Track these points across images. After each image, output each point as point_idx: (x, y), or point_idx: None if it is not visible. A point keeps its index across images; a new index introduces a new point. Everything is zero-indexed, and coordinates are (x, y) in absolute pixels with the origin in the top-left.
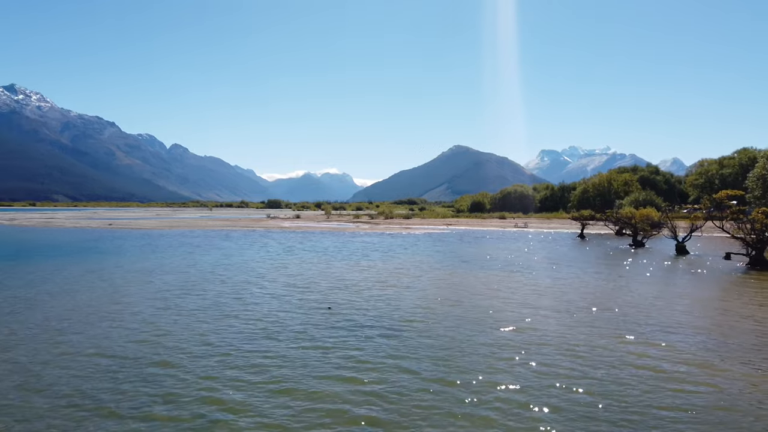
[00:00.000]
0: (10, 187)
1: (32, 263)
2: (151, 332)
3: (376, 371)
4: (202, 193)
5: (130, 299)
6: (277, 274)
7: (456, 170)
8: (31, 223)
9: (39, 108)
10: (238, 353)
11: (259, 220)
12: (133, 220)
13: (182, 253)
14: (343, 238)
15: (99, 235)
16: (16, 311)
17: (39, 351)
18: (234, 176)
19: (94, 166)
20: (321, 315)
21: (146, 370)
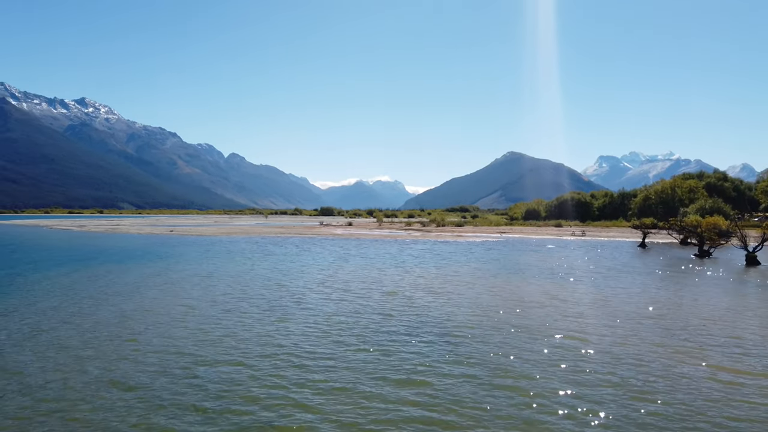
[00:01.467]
0: (80, 195)
1: (104, 267)
2: (219, 333)
3: (432, 374)
4: (257, 200)
5: (195, 302)
6: (333, 281)
7: (510, 177)
8: (99, 230)
9: (107, 120)
10: (300, 354)
11: (312, 228)
12: (193, 227)
13: (240, 259)
14: (396, 245)
15: (162, 242)
16: (94, 311)
17: (120, 348)
18: (288, 184)
19: (157, 175)
20: (378, 320)
21: (221, 369)
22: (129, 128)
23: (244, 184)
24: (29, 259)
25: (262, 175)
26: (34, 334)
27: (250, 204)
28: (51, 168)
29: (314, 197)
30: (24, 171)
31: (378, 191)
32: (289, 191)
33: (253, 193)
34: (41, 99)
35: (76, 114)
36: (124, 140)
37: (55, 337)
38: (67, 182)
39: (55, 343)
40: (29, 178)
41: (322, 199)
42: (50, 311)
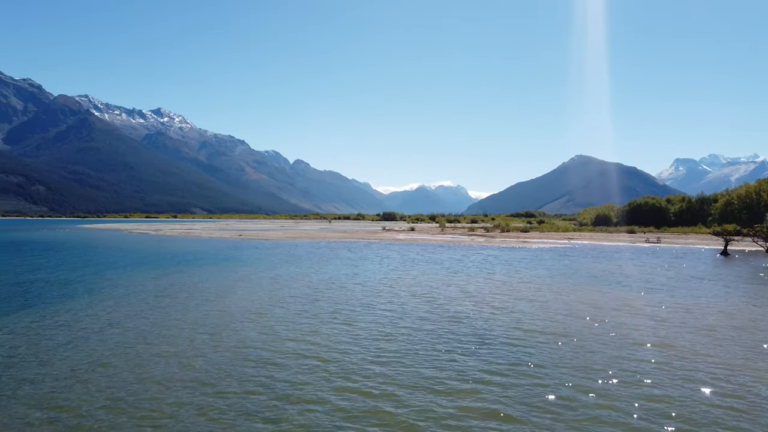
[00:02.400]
0: (156, 200)
1: (180, 270)
2: (290, 335)
3: (502, 379)
4: (321, 205)
5: (265, 304)
6: (399, 285)
7: (578, 181)
8: (173, 234)
9: (181, 129)
10: (369, 357)
11: (374, 232)
12: (260, 232)
13: (306, 262)
14: (459, 250)
15: (232, 245)
16: (172, 311)
17: (196, 345)
18: (351, 189)
19: (227, 181)
20: (445, 324)
21: (290, 369)
22: (201, 136)
23: (308, 189)
24: (114, 262)
25: (325, 180)
26: (119, 329)
27: (314, 209)
28: (130, 175)
29: (376, 202)
30: (106, 178)
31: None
32: (352, 196)
33: (317, 198)
34: (121, 110)
35: (152, 123)
36: (196, 148)
37: (138, 333)
38: (145, 188)
39: (139, 339)
40: (110, 184)
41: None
42: (133, 308)
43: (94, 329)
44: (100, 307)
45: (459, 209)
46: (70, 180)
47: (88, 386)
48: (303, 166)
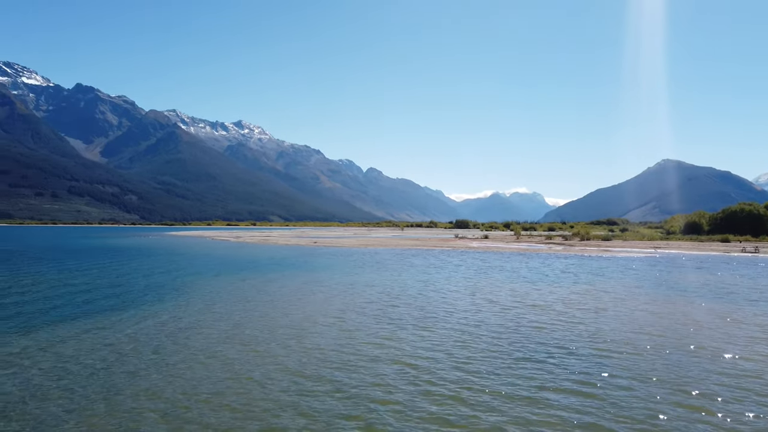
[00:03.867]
0: (236, 208)
1: (260, 275)
2: (365, 339)
3: (585, 388)
4: (394, 213)
5: (346, 308)
6: (475, 292)
7: (664, 187)
8: (252, 241)
9: (260, 140)
10: (455, 358)
11: (447, 240)
12: (334, 239)
13: (381, 269)
14: (536, 259)
15: (307, 252)
16: (267, 314)
17: (275, 349)
18: (423, 197)
19: (302, 190)
20: (526, 332)
21: (392, 366)
22: (278, 147)
23: (381, 197)
24: (201, 268)
25: (398, 188)
26: (213, 330)
27: (386, 216)
28: (213, 185)
29: (449, 210)
30: (191, 187)
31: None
32: (424, 204)
33: (389, 206)
34: (205, 123)
35: (234, 135)
36: (274, 158)
37: (230, 334)
38: (226, 197)
39: (232, 340)
40: (195, 193)
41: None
42: (222, 311)
43: (188, 329)
44: (193, 309)
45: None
46: (159, 190)
47: (191, 382)
48: (376, 174)
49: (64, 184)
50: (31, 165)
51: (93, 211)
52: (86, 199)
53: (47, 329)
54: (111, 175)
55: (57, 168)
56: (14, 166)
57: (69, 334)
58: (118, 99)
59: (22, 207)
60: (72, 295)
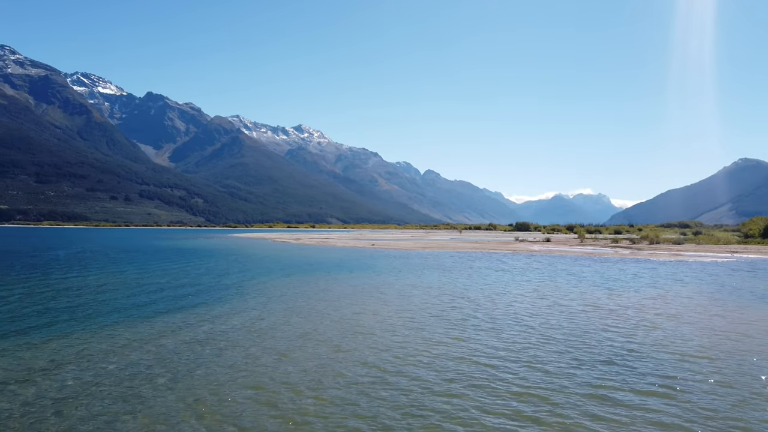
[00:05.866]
0: (296, 211)
1: (324, 276)
2: (447, 336)
3: (661, 398)
4: (451, 215)
5: (410, 309)
6: (538, 296)
7: (742, 188)
8: (312, 242)
9: (319, 144)
10: (529, 360)
11: (507, 243)
12: (392, 241)
13: (441, 271)
14: (602, 262)
15: (365, 254)
16: (335, 313)
17: (334, 351)
18: (482, 199)
19: (360, 192)
20: (598, 337)
21: (467, 366)
22: (337, 150)
23: (438, 199)
24: (266, 268)
25: (456, 190)
26: (288, 326)
27: (444, 219)
28: (274, 188)
29: (509, 212)
30: (253, 191)
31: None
32: (483, 206)
33: (447, 208)
34: (267, 127)
35: (294, 139)
36: (332, 161)
37: (304, 331)
38: (287, 200)
39: (307, 336)
40: (257, 197)
41: (517, 214)
42: (293, 310)
43: (270, 326)
44: (271, 307)
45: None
46: (223, 193)
47: (282, 374)
48: (433, 177)
49: (136, 188)
50: (107, 170)
51: (162, 213)
52: (156, 202)
53: (145, 323)
54: (179, 179)
55: (129, 173)
56: (91, 172)
57: (165, 328)
58: (185, 106)
59: (97, 210)
60: (157, 292)
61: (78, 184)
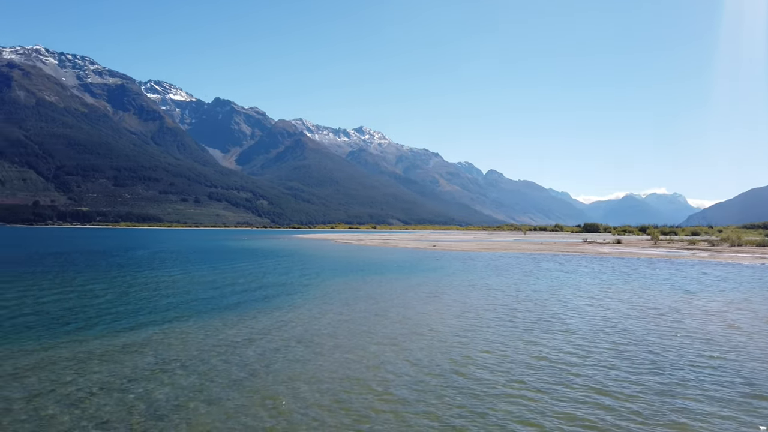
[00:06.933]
0: (358, 212)
1: (387, 277)
2: (518, 340)
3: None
4: (515, 216)
5: (476, 310)
6: (612, 300)
7: None
8: (373, 243)
9: (380, 145)
10: (572, 368)
11: (574, 245)
12: (453, 242)
13: (506, 273)
14: (678, 266)
15: (427, 255)
16: (397, 312)
17: (391, 350)
18: (547, 199)
19: (421, 193)
20: (680, 343)
21: (545, 369)
22: (398, 151)
23: (501, 200)
24: (329, 268)
25: (519, 190)
26: (353, 325)
27: (507, 220)
28: (336, 189)
29: (576, 213)
30: (315, 192)
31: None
32: (548, 206)
33: (510, 209)
34: (329, 130)
35: (355, 141)
36: (393, 162)
37: (371, 329)
38: (348, 201)
39: (376, 335)
40: (319, 198)
41: (585, 215)
42: (360, 309)
43: (334, 323)
44: (335, 305)
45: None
46: (287, 195)
47: (341, 372)
48: (496, 177)
49: (205, 191)
50: (178, 173)
51: (229, 215)
52: (223, 204)
53: (219, 320)
54: (245, 181)
55: (199, 176)
56: (164, 175)
57: (238, 324)
58: (250, 110)
59: (169, 211)
60: (231, 290)
61: (152, 186)
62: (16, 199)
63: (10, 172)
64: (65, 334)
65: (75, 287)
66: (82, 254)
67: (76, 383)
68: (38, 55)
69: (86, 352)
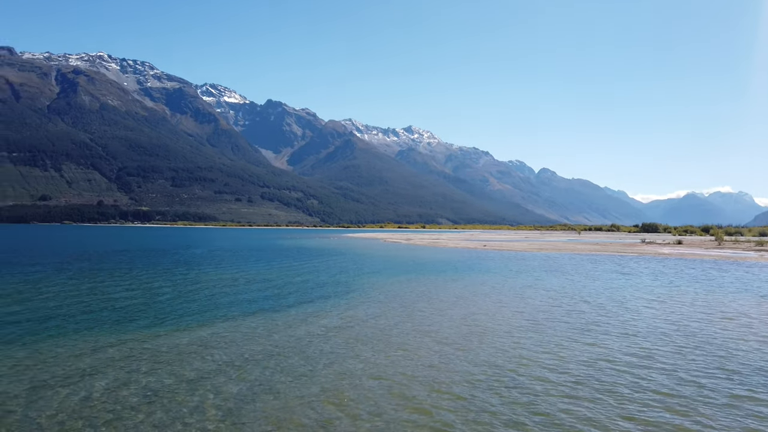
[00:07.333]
0: (407, 211)
1: (439, 276)
2: (577, 342)
3: None
4: (569, 216)
5: (531, 311)
6: (672, 303)
7: None
8: (422, 243)
9: (429, 144)
10: (633, 370)
11: (632, 245)
12: (505, 242)
13: (560, 274)
14: (746, 269)
15: (478, 255)
16: (452, 313)
17: (455, 351)
18: (603, 198)
19: (471, 192)
20: (731, 352)
21: (599, 371)
22: (447, 150)
23: (554, 199)
24: (382, 267)
25: (574, 189)
26: (410, 324)
27: (561, 220)
28: (385, 189)
29: (634, 212)
30: (365, 192)
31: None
32: (604, 206)
33: (564, 208)
34: (378, 130)
35: (404, 140)
36: (442, 161)
37: (428, 329)
38: (397, 201)
39: (431, 336)
40: (368, 197)
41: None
42: (409, 307)
43: (385, 323)
44: (391, 305)
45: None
46: (336, 194)
47: (402, 369)
48: (549, 175)
49: (258, 191)
50: (232, 174)
51: (281, 214)
52: (275, 204)
53: (280, 315)
54: (296, 181)
55: (252, 176)
56: (219, 176)
57: (297, 320)
58: (301, 111)
59: (224, 211)
60: (288, 288)
61: (207, 187)
62: (82, 199)
63: (76, 173)
64: (136, 330)
65: (141, 284)
66: (145, 252)
67: (152, 376)
68: (101, 61)
69: (157, 347)
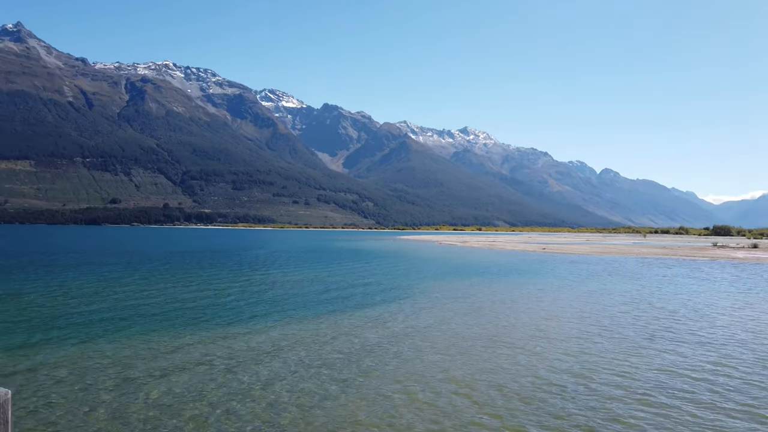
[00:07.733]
0: (462, 213)
1: (498, 279)
2: (645, 349)
3: None
4: (633, 218)
5: (596, 316)
6: (747, 310)
7: None
8: (478, 245)
9: (485, 145)
10: (709, 377)
11: (702, 249)
12: (565, 245)
13: (624, 279)
14: None
15: (536, 259)
16: (515, 316)
17: (505, 353)
18: (670, 200)
19: (528, 194)
20: None
21: (686, 379)
22: (504, 151)
23: (617, 200)
24: (440, 269)
25: (638, 190)
26: (478, 327)
27: (624, 222)
28: (440, 191)
29: (704, 214)
30: (419, 194)
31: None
32: (672, 208)
33: (628, 210)
34: (432, 131)
35: (459, 142)
36: (499, 162)
37: (486, 331)
38: (453, 203)
39: (490, 337)
40: (423, 199)
41: (714, 216)
42: (472, 311)
43: (450, 326)
44: (448, 308)
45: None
46: (391, 196)
47: (471, 372)
48: (611, 176)
49: (314, 193)
50: (290, 177)
51: (337, 216)
52: (331, 206)
53: (345, 317)
54: (351, 184)
55: (309, 179)
56: (277, 179)
57: (364, 322)
58: (357, 114)
59: (282, 213)
60: (348, 289)
61: (266, 190)
62: (149, 202)
63: (144, 177)
64: (211, 329)
65: (210, 285)
66: (210, 253)
67: (229, 374)
68: (167, 69)
69: (231, 345)
